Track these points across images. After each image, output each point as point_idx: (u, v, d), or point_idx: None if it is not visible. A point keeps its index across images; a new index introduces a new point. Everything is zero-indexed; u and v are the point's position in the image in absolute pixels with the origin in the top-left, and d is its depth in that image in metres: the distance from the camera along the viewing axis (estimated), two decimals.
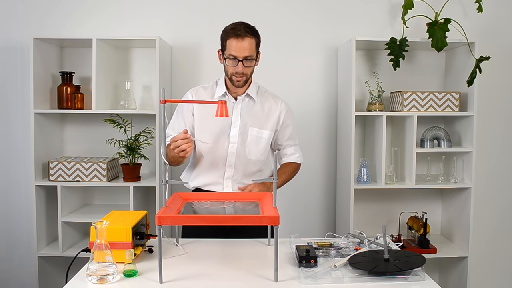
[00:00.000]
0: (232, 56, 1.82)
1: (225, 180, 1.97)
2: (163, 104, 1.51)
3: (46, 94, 2.67)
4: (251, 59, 1.84)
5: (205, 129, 1.95)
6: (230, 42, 1.82)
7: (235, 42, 1.81)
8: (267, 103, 2.00)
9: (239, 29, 1.81)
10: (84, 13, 2.80)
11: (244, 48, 1.81)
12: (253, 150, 1.96)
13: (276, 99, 2.03)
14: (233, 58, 1.82)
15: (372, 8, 2.85)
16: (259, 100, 1.99)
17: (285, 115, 2.02)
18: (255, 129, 1.95)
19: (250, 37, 1.82)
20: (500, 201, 2.97)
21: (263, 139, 1.97)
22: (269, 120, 1.98)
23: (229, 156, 1.94)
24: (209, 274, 1.49)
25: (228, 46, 1.83)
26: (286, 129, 2.04)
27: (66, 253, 2.58)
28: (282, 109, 2.01)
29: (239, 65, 1.83)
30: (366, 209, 2.90)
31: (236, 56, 1.82)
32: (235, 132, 1.93)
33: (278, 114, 2.00)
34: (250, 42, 1.82)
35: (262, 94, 2.01)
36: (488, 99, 2.88)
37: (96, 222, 1.43)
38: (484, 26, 2.84)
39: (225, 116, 1.62)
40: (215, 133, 1.93)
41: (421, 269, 1.46)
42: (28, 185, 2.78)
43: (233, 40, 1.81)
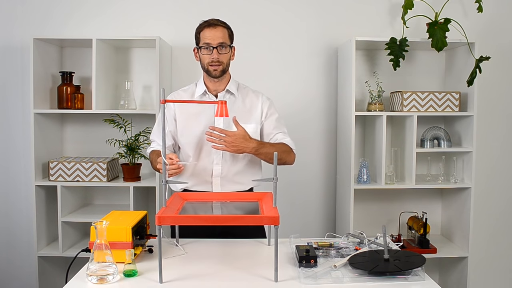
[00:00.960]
0: (206, 44, 1.87)
1: (213, 178, 1.96)
2: (163, 104, 1.51)
3: (46, 94, 2.67)
4: (225, 46, 1.89)
5: (189, 130, 1.95)
6: (203, 33, 1.89)
7: (208, 31, 1.88)
8: (248, 98, 2.02)
9: (211, 21, 1.90)
10: (84, 13, 2.80)
11: (217, 36, 1.87)
12: None
13: (257, 93, 2.05)
14: (207, 47, 1.87)
15: (372, 8, 2.85)
16: (240, 95, 2.00)
17: (268, 106, 2.03)
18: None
19: (222, 27, 1.90)
20: (500, 201, 2.97)
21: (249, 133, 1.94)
22: (252, 114, 1.99)
23: (215, 153, 1.94)
24: (209, 274, 1.49)
25: (202, 36, 1.89)
26: (271, 119, 2.04)
27: (66, 253, 2.58)
28: (263, 101, 2.02)
29: (214, 52, 1.87)
30: (366, 209, 2.90)
31: (210, 43, 1.87)
32: None
33: (261, 106, 2.01)
34: (222, 31, 1.89)
35: (242, 90, 2.03)
36: (488, 99, 2.88)
37: (96, 222, 1.43)
38: (484, 26, 2.84)
39: (225, 116, 1.62)
40: (199, 132, 1.93)
41: (421, 269, 1.46)
42: (28, 185, 2.78)
43: (206, 30, 1.88)
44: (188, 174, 1.97)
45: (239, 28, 2.80)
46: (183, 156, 2.01)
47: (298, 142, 2.83)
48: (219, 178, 1.96)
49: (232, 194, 1.86)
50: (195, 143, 1.95)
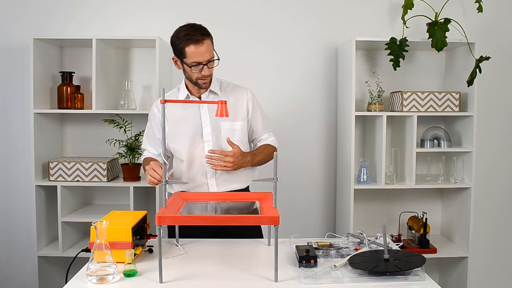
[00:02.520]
0: (195, 62, 1.82)
1: (208, 179, 1.96)
2: (163, 104, 1.51)
3: (46, 94, 2.67)
4: (213, 60, 1.85)
5: (178, 135, 1.94)
6: (189, 49, 1.80)
7: (194, 49, 1.79)
8: (232, 95, 2.00)
9: (194, 34, 1.79)
10: (84, 13, 2.80)
11: (205, 52, 1.81)
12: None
13: (241, 88, 2.04)
14: (196, 64, 1.82)
15: (372, 8, 2.85)
16: (224, 93, 1.99)
17: (253, 103, 2.02)
18: (226, 123, 1.95)
19: (207, 39, 1.82)
20: (500, 201, 2.97)
21: (236, 130, 1.97)
22: (238, 111, 1.98)
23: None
24: (209, 274, 1.49)
25: (189, 53, 1.81)
26: (257, 118, 2.04)
27: (66, 253, 2.58)
28: (248, 98, 2.02)
29: (204, 69, 1.83)
30: (366, 209, 2.90)
31: (200, 62, 1.82)
32: (208, 130, 1.93)
33: (246, 102, 2.01)
34: (208, 44, 1.82)
35: (225, 88, 2.01)
36: (488, 99, 2.88)
37: (96, 222, 1.43)
38: (484, 26, 2.84)
39: (225, 116, 1.62)
40: (189, 136, 1.93)
41: (421, 269, 1.47)
42: (28, 185, 2.78)
43: (192, 47, 1.79)
44: (184, 179, 1.97)
45: (238, 28, 2.82)
46: (176, 161, 2.01)
47: (298, 142, 2.86)
48: (214, 179, 1.96)
49: (232, 194, 1.86)
50: (187, 147, 1.94)
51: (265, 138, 2.07)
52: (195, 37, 1.79)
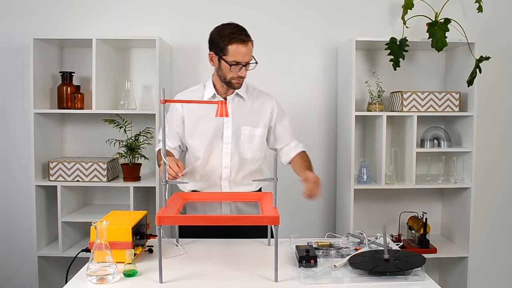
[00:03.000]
0: (236, 62, 1.80)
1: (222, 181, 1.96)
2: (163, 104, 1.51)
3: (46, 94, 2.67)
4: (252, 62, 1.85)
5: (198, 133, 1.94)
6: (233, 47, 1.79)
7: (240, 48, 1.79)
8: (258, 100, 1.99)
9: (240, 34, 1.79)
10: (84, 13, 2.80)
11: (248, 53, 1.81)
12: (247, 148, 1.95)
13: (267, 96, 2.03)
14: (236, 64, 1.81)
15: (372, 8, 2.85)
16: (249, 98, 1.98)
17: (277, 110, 2.01)
18: (247, 127, 1.94)
19: (250, 41, 1.83)
20: (500, 201, 2.97)
21: (257, 136, 1.96)
22: (261, 118, 1.98)
23: (224, 157, 1.93)
24: (209, 274, 1.49)
25: (231, 51, 1.80)
26: (283, 125, 2.03)
27: (66, 253, 2.58)
28: (273, 106, 2.01)
29: (242, 69, 1.82)
30: (366, 209, 2.90)
31: (240, 62, 1.80)
32: (228, 132, 1.92)
33: (270, 111, 2.00)
34: (251, 46, 1.83)
35: (251, 92, 2.00)
36: (488, 99, 2.88)
37: (96, 222, 1.43)
38: (484, 26, 2.84)
39: (225, 116, 1.62)
40: (208, 135, 1.92)
41: (421, 269, 1.47)
42: (28, 185, 2.78)
43: (238, 46, 1.79)
44: (197, 176, 1.96)
45: None
46: (191, 158, 2.00)
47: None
48: (228, 181, 1.96)
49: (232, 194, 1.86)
50: (205, 145, 1.93)
51: (295, 146, 2.04)
52: (240, 36, 1.79)
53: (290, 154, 2.03)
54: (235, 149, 1.93)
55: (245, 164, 1.96)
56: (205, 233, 1.87)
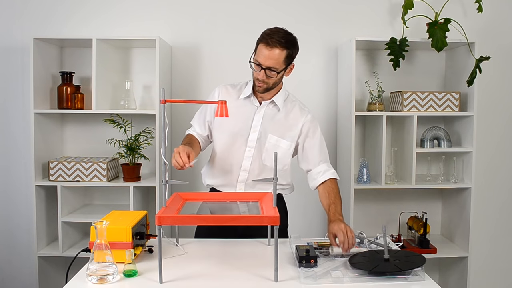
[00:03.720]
0: (257, 62, 1.79)
1: (238, 183, 1.93)
2: (163, 104, 1.51)
3: (46, 94, 2.67)
4: (274, 71, 1.78)
5: (224, 130, 1.92)
6: (260, 47, 1.77)
7: (263, 49, 1.75)
8: (292, 113, 1.94)
9: (272, 37, 1.75)
10: (84, 13, 2.80)
11: (270, 58, 1.75)
12: (270, 157, 1.90)
13: (303, 110, 1.96)
14: (257, 64, 1.79)
15: (372, 8, 2.85)
16: (285, 108, 1.93)
17: (309, 126, 1.93)
18: (274, 137, 1.90)
19: (280, 49, 1.75)
20: (500, 201, 2.97)
21: (281, 148, 1.91)
22: (290, 131, 1.92)
23: (245, 160, 1.91)
24: (209, 274, 1.49)
25: (258, 50, 1.78)
26: (314, 142, 1.95)
27: (66, 253, 2.58)
28: (306, 121, 1.93)
29: (261, 72, 1.79)
30: (366, 209, 2.90)
31: (261, 64, 1.78)
32: (254, 137, 1.89)
33: (302, 126, 1.93)
34: (278, 54, 1.75)
35: (288, 103, 1.95)
36: (488, 99, 2.88)
37: (96, 222, 1.43)
38: (484, 26, 2.84)
39: (225, 116, 1.61)
40: (232, 134, 1.90)
41: (421, 269, 1.47)
42: (28, 185, 2.78)
43: (263, 47, 1.76)
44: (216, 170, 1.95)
45: (238, 29, 2.82)
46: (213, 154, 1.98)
47: None
48: (244, 184, 1.93)
49: (232, 194, 1.86)
50: (227, 142, 1.91)
51: (324, 170, 1.93)
52: (270, 39, 1.75)
53: (316, 180, 1.93)
54: (257, 154, 1.90)
55: (264, 171, 1.92)
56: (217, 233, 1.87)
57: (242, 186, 1.93)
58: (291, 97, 1.99)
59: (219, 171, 1.95)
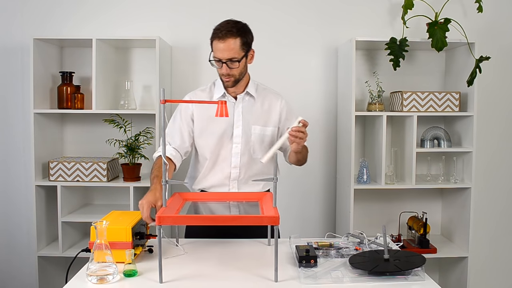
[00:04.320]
0: (216, 58, 1.80)
1: (231, 181, 1.94)
2: (163, 104, 1.51)
3: (46, 94, 2.67)
4: (235, 61, 1.79)
5: (208, 133, 1.92)
6: (214, 44, 1.79)
7: (218, 44, 1.77)
8: (267, 100, 1.97)
9: (221, 30, 1.76)
10: (84, 13, 2.80)
11: (225, 50, 1.76)
12: (258, 148, 1.93)
13: (276, 95, 2.01)
14: (217, 60, 1.80)
15: (372, 8, 2.85)
16: (259, 97, 1.96)
17: (287, 110, 1.98)
18: (258, 127, 1.93)
19: (233, 38, 1.76)
20: (500, 201, 2.97)
21: (267, 136, 1.94)
22: (271, 117, 1.96)
23: (234, 157, 1.92)
24: (209, 274, 1.49)
25: (213, 47, 1.80)
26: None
27: (66, 253, 2.58)
28: (282, 105, 1.98)
29: (223, 67, 1.79)
30: (366, 209, 2.90)
31: (220, 58, 1.79)
32: (238, 132, 1.91)
33: (280, 110, 1.97)
34: (233, 43, 1.76)
35: (261, 92, 1.98)
36: (488, 99, 2.88)
37: (96, 222, 1.43)
38: (484, 26, 2.84)
39: (225, 116, 1.61)
40: (217, 136, 1.90)
41: (421, 269, 1.47)
42: (28, 185, 2.78)
43: (217, 42, 1.77)
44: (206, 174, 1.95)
45: None
46: (198, 158, 1.98)
47: None
48: (236, 181, 1.94)
49: (232, 194, 1.86)
50: (214, 145, 1.91)
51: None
52: (220, 33, 1.76)
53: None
54: (245, 148, 1.92)
55: (255, 164, 1.95)
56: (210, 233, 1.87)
57: (235, 184, 1.94)
58: (260, 85, 2.01)
59: (210, 174, 1.95)
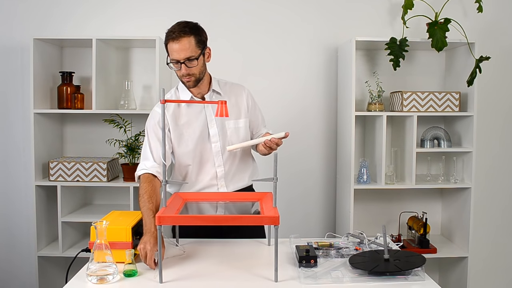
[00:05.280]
0: (174, 60, 1.79)
1: (218, 180, 1.95)
2: (163, 104, 1.51)
3: (46, 94, 2.67)
4: (193, 59, 1.79)
5: (185, 139, 1.91)
6: (169, 46, 1.78)
7: (172, 45, 1.77)
8: (232, 93, 1.99)
9: (173, 32, 1.76)
10: (84, 13, 2.80)
11: (181, 50, 1.76)
12: (235, 141, 1.94)
13: (239, 86, 2.03)
14: (175, 62, 1.79)
15: (372, 8, 2.85)
16: (225, 92, 1.98)
17: (251, 99, 2.03)
18: (231, 121, 1.94)
19: (186, 37, 1.76)
20: (500, 201, 2.97)
21: (241, 128, 1.97)
22: (241, 109, 1.98)
23: (215, 156, 1.93)
24: (209, 274, 1.49)
25: (169, 50, 1.79)
26: (256, 113, 2.05)
27: (66, 253, 2.58)
28: (247, 95, 2.02)
29: (182, 67, 1.79)
30: (366, 209, 2.90)
31: (177, 59, 1.78)
32: (214, 131, 1.92)
33: (246, 99, 2.01)
34: (188, 41, 1.76)
35: (224, 87, 2.00)
36: (488, 99, 2.88)
37: (96, 222, 1.43)
38: (484, 26, 2.84)
39: (225, 116, 1.61)
40: (196, 138, 1.91)
41: (421, 269, 1.47)
42: (28, 185, 2.78)
43: (171, 44, 1.77)
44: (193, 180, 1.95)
45: (238, 29, 2.82)
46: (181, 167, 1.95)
47: (298, 142, 2.85)
48: (223, 179, 1.95)
49: (232, 194, 1.86)
50: (193, 150, 1.91)
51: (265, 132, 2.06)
52: (173, 34, 1.76)
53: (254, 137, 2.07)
54: (223, 146, 1.93)
55: (235, 159, 1.97)
56: (205, 233, 1.87)
57: (223, 182, 1.95)
58: (221, 80, 2.02)
59: (197, 179, 1.95)
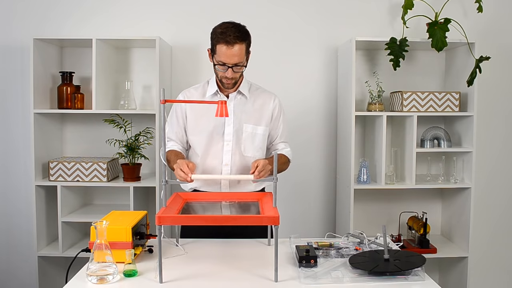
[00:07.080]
0: (221, 62, 1.81)
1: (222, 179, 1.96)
2: (163, 104, 1.51)
3: (46, 94, 2.67)
4: (240, 65, 1.83)
5: (199, 129, 1.94)
6: (219, 48, 1.79)
7: (224, 49, 1.77)
8: (260, 99, 2.00)
9: (228, 35, 1.76)
10: (84, 13, 2.80)
11: (233, 56, 1.78)
12: (249, 146, 1.95)
13: (270, 94, 2.03)
14: (222, 64, 1.81)
15: (372, 8, 2.85)
16: (251, 96, 1.98)
17: (278, 110, 2.02)
18: (249, 125, 1.95)
19: (239, 43, 1.78)
20: (500, 201, 2.97)
21: (258, 135, 1.96)
22: (263, 116, 1.98)
23: (225, 154, 1.93)
24: (209, 274, 1.49)
25: (218, 51, 1.80)
26: (277, 124, 2.04)
27: (66, 253, 2.58)
28: (276, 105, 2.01)
29: (228, 71, 1.81)
30: (366, 209, 2.90)
31: (226, 63, 1.80)
32: (230, 130, 1.93)
33: (272, 109, 2.00)
34: (240, 48, 1.79)
35: (254, 91, 2.01)
36: (488, 99, 2.88)
37: (96, 222, 1.43)
38: (484, 26, 2.84)
39: (225, 116, 1.61)
40: (209, 133, 1.92)
41: (421, 269, 1.47)
42: (28, 185, 2.78)
43: (223, 47, 1.77)
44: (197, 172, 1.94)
45: None
46: (192, 154, 2.01)
47: (298, 142, 2.85)
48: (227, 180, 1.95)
49: (232, 194, 1.86)
50: (204, 142, 1.93)
51: (281, 149, 2.04)
52: (226, 38, 1.76)
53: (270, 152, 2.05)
54: (236, 147, 1.93)
55: (245, 162, 1.96)
56: (206, 233, 1.87)
57: (226, 182, 1.95)
58: (254, 85, 2.03)
59: (201, 172, 1.95)
